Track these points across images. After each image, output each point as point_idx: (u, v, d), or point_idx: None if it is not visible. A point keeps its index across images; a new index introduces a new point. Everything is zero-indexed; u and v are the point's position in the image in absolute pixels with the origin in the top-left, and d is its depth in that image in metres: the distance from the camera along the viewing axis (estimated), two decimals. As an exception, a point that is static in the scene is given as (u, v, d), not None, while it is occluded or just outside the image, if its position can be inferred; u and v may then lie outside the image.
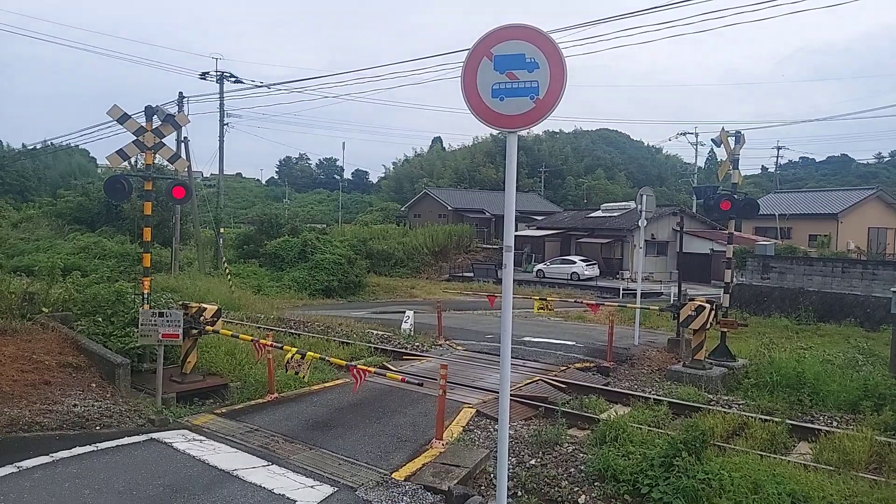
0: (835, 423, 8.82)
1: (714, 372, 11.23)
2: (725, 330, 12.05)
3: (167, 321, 8.46)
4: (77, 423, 7.27)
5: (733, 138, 12.03)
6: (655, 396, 9.75)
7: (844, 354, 12.15)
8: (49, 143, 61.20)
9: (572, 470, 6.82)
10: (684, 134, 60.98)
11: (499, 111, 4.39)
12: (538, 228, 45.91)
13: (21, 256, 27.65)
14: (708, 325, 11.21)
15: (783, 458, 6.98)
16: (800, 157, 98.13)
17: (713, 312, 11.24)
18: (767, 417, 8.53)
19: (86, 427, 7.25)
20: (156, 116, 9.89)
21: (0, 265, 25.30)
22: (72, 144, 65.95)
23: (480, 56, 4.40)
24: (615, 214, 42.22)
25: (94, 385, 8.37)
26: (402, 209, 63.04)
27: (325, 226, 51.01)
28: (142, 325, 8.52)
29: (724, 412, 8.79)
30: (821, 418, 9.12)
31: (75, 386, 8.17)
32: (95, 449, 6.52)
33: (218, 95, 32.09)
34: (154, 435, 7.19)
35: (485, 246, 47.51)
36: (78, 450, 6.43)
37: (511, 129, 4.41)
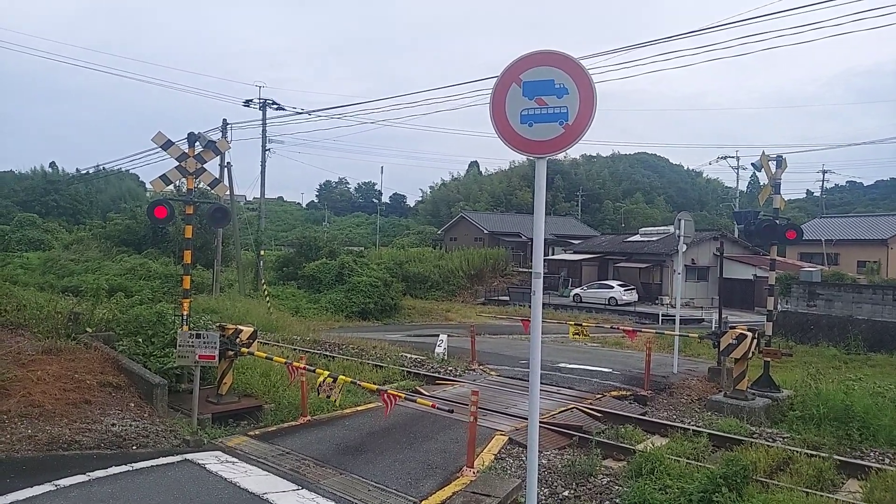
0: (887, 461, 8.38)
1: (757, 403, 10.83)
2: (769, 359, 11.66)
3: (204, 343, 8.61)
4: (114, 442, 7.42)
5: (774, 162, 11.76)
6: (695, 427, 9.44)
7: (897, 387, 11.58)
8: (101, 167, 63.68)
9: (606, 503, 6.63)
10: (725, 158, 59.83)
11: (528, 137, 4.39)
12: (575, 252, 45.46)
13: (71, 277, 28.68)
14: (750, 354, 10.86)
15: (830, 496, 6.65)
16: (847, 182, 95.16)
17: (755, 341, 10.90)
18: (814, 452, 8.16)
19: (123, 446, 7.39)
20: (198, 143, 10.19)
21: (51, 285, 26.30)
22: (122, 169, 68.53)
23: (509, 82, 4.41)
24: (654, 239, 41.54)
25: (132, 405, 8.54)
26: (439, 232, 63.30)
27: (362, 248, 51.54)
28: (180, 346, 8.70)
29: (768, 446, 8.44)
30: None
31: (114, 405, 8.35)
32: (131, 469, 6.62)
33: (260, 122, 32.99)
34: (188, 456, 7.27)
35: (520, 269, 47.23)
36: (114, 469, 6.54)
37: (540, 154, 4.40)
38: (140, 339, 10.27)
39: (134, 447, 7.43)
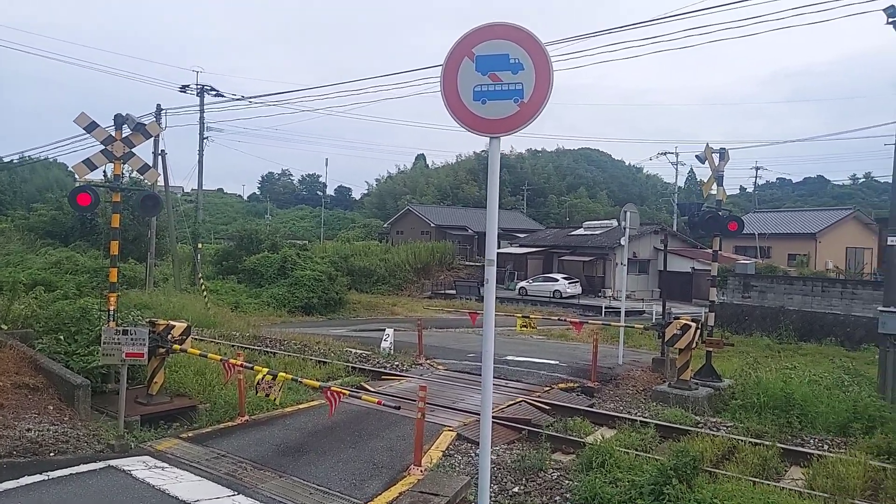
0: (826, 447, 8.59)
1: (700, 392, 10.98)
2: (711, 349, 11.85)
3: (132, 339, 8.00)
4: (29, 449, 6.78)
5: (718, 155, 11.92)
6: (642, 418, 9.45)
7: (830, 374, 11.97)
8: (26, 156, 59.99)
9: (557, 498, 6.49)
10: (665, 153, 61.81)
11: (481, 115, 4.11)
12: (520, 246, 45.79)
13: (-10, 271, 26.79)
14: (694, 345, 10.99)
15: (776, 484, 6.70)
16: (777, 178, 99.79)
17: (699, 331, 11.03)
18: (758, 441, 8.27)
19: (39, 454, 6.76)
20: (126, 125, 9.50)
21: (-33, 280, 24.51)
22: (50, 158, 64.86)
23: (461, 56, 4.12)
24: (597, 232, 42.25)
25: (51, 408, 7.88)
26: (385, 226, 62.70)
27: (306, 242, 50.47)
28: (105, 343, 8.05)
29: (713, 435, 8.52)
30: (811, 441, 8.88)
31: (31, 409, 7.68)
32: (46, 478, 6.04)
33: (198, 108, 31.70)
34: (113, 462, 6.72)
35: (467, 263, 47.26)
36: (26, 479, 5.95)
37: (494, 134, 4.12)
38: (62, 337, 9.55)
39: (52, 454, 6.81)
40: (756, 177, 71.38)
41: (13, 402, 7.65)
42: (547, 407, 10.34)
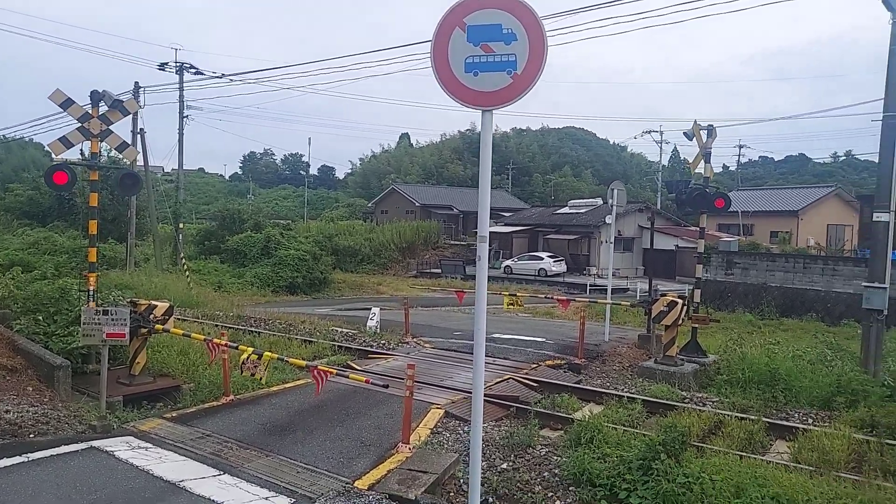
0: (810, 421, 8.69)
1: (686, 368, 11.05)
2: (697, 326, 11.92)
3: (112, 319, 7.84)
4: (8, 431, 6.63)
5: (705, 132, 11.88)
6: (629, 394, 9.50)
7: (813, 350, 12.11)
8: (2, 136, 58.53)
9: (546, 474, 6.49)
10: (649, 132, 61.77)
11: (472, 87, 3.98)
12: (506, 225, 45.76)
13: (-35, 252, 26.23)
14: (680, 321, 11.04)
15: (762, 458, 6.76)
16: (759, 157, 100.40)
17: (685, 308, 11.08)
18: (743, 415, 8.34)
19: (18, 435, 6.62)
20: (103, 102, 9.20)
21: (-58, 262, 23.97)
22: (26, 138, 63.38)
23: (452, 26, 3.98)
24: (582, 211, 42.32)
25: (30, 389, 7.72)
26: (369, 205, 62.28)
27: (289, 222, 49.97)
28: (84, 323, 7.88)
29: (700, 410, 8.58)
30: (795, 416, 8.97)
31: (9, 390, 7.52)
32: (26, 460, 5.92)
33: (177, 87, 31.02)
34: (95, 443, 6.60)
35: (452, 242, 47.21)
36: (5, 461, 5.82)
37: (486, 107, 4.00)
38: (40, 318, 9.35)
39: (31, 435, 6.67)
40: (739, 155, 71.96)
41: (-9, 383, 7.48)
42: (534, 384, 10.36)
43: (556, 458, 6.87)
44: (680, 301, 10.91)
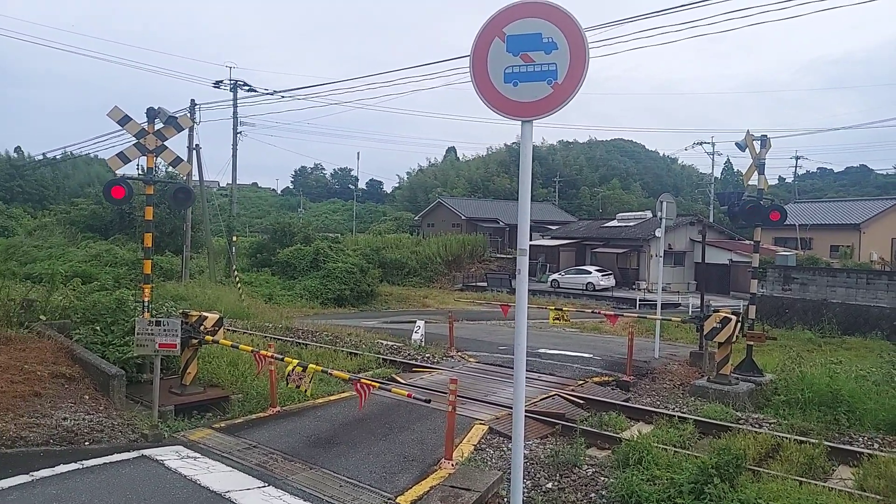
0: (876, 445, 8.20)
1: (741, 387, 10.62)
2: (752, 343, 11.46)
3: (164, 330, 8.05)
4: (65, 437, 6.86)
5: (759, 142, 11.49)
6: (680, 414, 9.18)
7: (879, 370, 11.48)
8: (69, 152, 61.61)
9: (593, 495, 6.30)
10: (701, 143, 60.02)
11: (512, 98, 3.93)
12: (552, 238, 45.30)
13: (33, 264, 27.57)
14: (734, 338, 10.62)
15: (823, 484, 6.40)
16: (818, 168, 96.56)
17: (739, 325, 10.67)
18: (803, 438, 7.93)
19: (74, 442, 6.84)
20: (158, 118, 9.56)
21: (13, 273, 25.23)
22: (91, 154, 66.57)
23: (491, 37, 3.94)
24: (631, 224, 41.54)
25: (87, 397, 7.98)
26: (416, 218, 62.71)
27: (338, 235, 50.79)
28: (138, 334, 8.13)
29: (756, 432, 8.21)
30: (860, 440, 8.49)
31: (67, 398, 7.79)
32: (81, 467, 6.10)
33: (231, 103, 32.01)
34: (146, 451, 6.76)
35: (498, 255, 46.99)
36: (62, 468, 6.01)
37: (526, 117, 3.94)
38: (98, 328, 9.69)
39: (86, 443, 6.88)
40: (796, 166, 69.35)
41: (50, 391, 7.77)
42: (581, 401, 10.13)
43: (603, 478, 6.67)
44: (733, 317, 10.51)
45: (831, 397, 9.47)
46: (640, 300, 30.20)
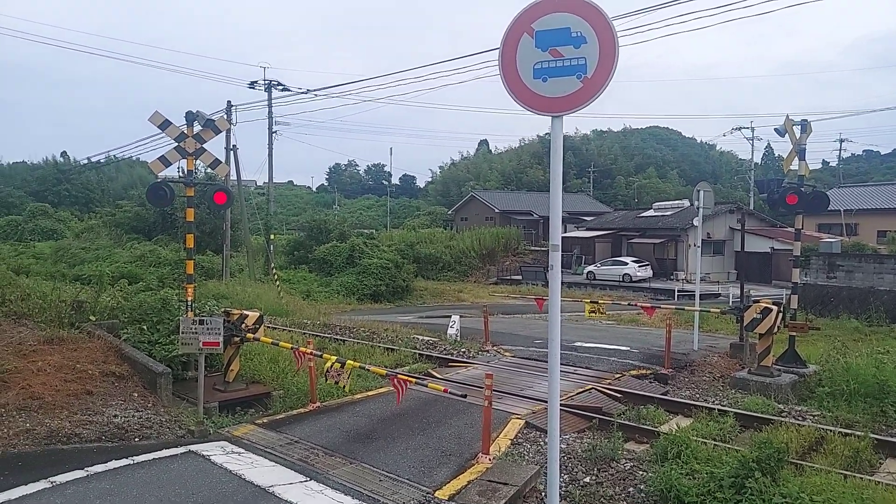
0: (926, 438, 7.95)
1: (783, 379, 10.40)
2: (794, 334, 11.20)
3: (207, 329, 8.31)
4: (116, 434, 7.14)
5: (799, 127, 11.19)
6: (720, 407, 9.04)
7: (930, 360, 11.08)
8: (113, 155, 63.54)
9: (631, 489, 6.28)
10: (739, 129, 58.55)
11: (541, 93, 3.94)
12: (588, 229, 44.86)
13: (82, 266, 28.58)
14: (775, 329, 10.40)
15: (870, 478, 6.25)
16: (863, 150, 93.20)
17: (780, 315, 10.44)
18: (848, 431, 7.74)
19: (125, 439, 7.12)
20: (196, 122, 9.80)
21: (62, 274, 26.20)
22: (133, 157, 68.49)
23: (520, 32, 3.95)
24: (668, 214, 40.85)
25: (135, 395, 8.27)
26: (450, 213, 62.81)
27: (373, 231, 51.24)
28: (182, 332, 8.41)
29: (798, 425, 8.03)
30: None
31: (117, 396, 8.08)
32: (132, 462, 6.34)
33: (266, 104, 32.54)
34: (192, 447, 6.99)
35: (532, 248, 46.75)
36: (114, 463, 6.26)
37: (556, 113, 3.95)
38: (145, 327, 10.02)
39: (136, 439, 7.15)
40: (840, 150, 67.00)
41: (101, 389, 8.07)
42: (618, 394, 10.06)
43: (641, 473, 6.64)
44: (775, 308, 10.28)
45: (878, 388, 9.21)
46: (678, 291, 29.75)
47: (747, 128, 56.27)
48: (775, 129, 11.51)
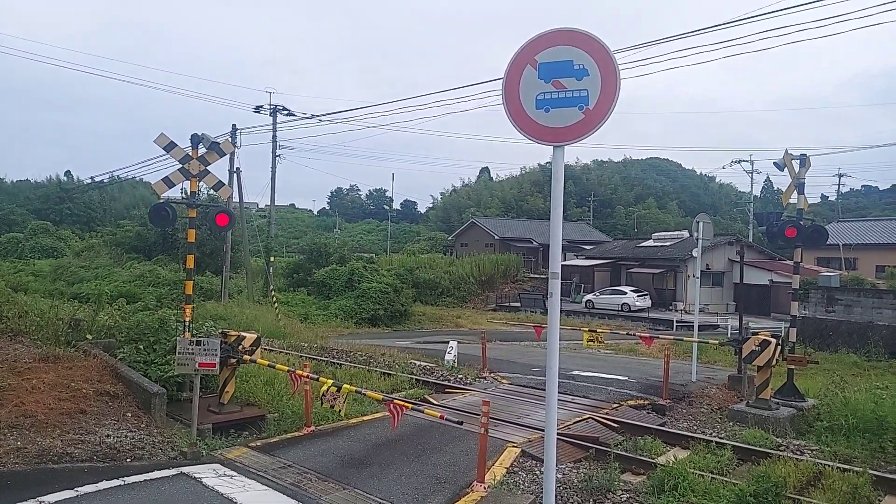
0: (926, 475, 7.88)
1: (781, 413, 10.34)
2: (793, 367, 11.16)
3: (204, 350, 8.27)
4: (108, 454, 7.08)
5: (798, 161, 11.30)
6: (718, 439, 8.97)
7: (929, 396, 11.03)
8: (116, 176, 63.96)
9: (627, 521, 6.20)
10: (739, 162, 58.91)
11: (544, 124, 4.01)
12: (587, 258, 44.94)
13: (80, 284, 28.56)
14: (774, 362, 10.37)
15: (869, 515, 6.18)
16: (862, 186, 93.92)
17: (779, 348, 10.41)
18: (846, 466, 7.68)
19: (116, 459, 7.05)
20: (201, 144, 9.89)
21: (61, 292, 26.18)
22: (136, 178, 68.94)
23: (523, 64, 4.04)
24: (667, 244, 40.98)
25: (129, 415, 8.21)
26: (450, 238, 62.99)
27: (373, 255, 51.31)
28: (179, 353, 8.37)
29: (797, 459, 7.96)
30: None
31: (110, 415, 8.03)
32: (122, 483, 6.28)
33: (271, 127, 32.82)
34: (185, 469, 6.92)
35: (532, 275, 46.79)
36: (104, 484, 6.19)
37: (557, 142, 4.01)
38: (141, 347, 9.96)
39: (128, 460, 7.09)
40: (839, 184, 67.71)
41: (95, 408, 8.02)
42: (615, 424, 9.99)
43: (637, 504, 6.57)
44: (773, 340, 10.27)
45: (877, 424, 9.15)
46: (676, 321, 29.71)
47: (747, 161, 56.64)
48: (774, 163, 11.62)
